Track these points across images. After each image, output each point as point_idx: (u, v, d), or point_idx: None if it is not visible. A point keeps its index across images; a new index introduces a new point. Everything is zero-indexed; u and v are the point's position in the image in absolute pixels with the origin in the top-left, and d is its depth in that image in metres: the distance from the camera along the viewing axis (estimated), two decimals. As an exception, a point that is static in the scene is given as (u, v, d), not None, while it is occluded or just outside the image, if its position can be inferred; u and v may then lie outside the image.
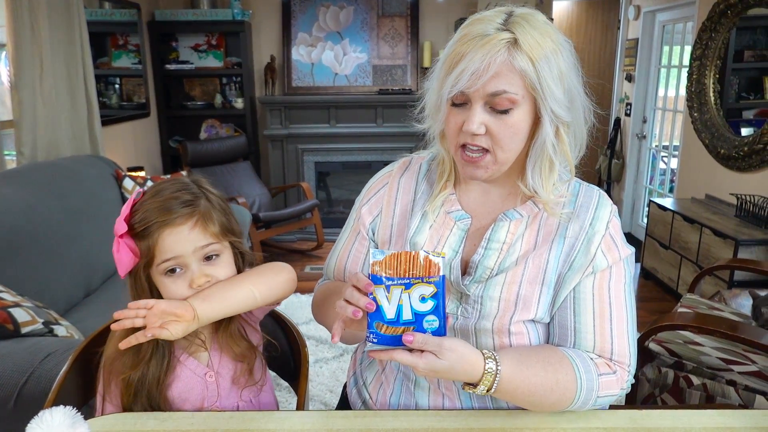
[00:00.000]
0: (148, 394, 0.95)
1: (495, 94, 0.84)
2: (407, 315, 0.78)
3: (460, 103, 0.88)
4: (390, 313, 0.78)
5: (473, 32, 0.84)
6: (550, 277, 0.93)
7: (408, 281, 0.77)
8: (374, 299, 0.77)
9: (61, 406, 0.66)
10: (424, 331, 0.78)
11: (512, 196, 0.97)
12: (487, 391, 0.83)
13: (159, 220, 0.91)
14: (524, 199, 0.95)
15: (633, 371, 0.93)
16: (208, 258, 0.95)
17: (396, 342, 0.78)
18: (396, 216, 1.01)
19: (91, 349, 1.04)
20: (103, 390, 0.97)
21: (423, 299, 0.78)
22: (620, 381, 0.92)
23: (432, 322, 0.78)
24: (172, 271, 0.92)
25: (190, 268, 0.93)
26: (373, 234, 1.03)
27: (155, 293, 0.95)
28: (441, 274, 0.78)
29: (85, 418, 0.72)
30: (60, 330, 1.72)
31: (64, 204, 2.40)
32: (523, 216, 0.94)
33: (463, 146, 0.90)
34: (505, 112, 0.85)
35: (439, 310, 0.78)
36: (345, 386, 1.18)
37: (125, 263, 0.91)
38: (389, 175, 1.06)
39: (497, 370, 0.83)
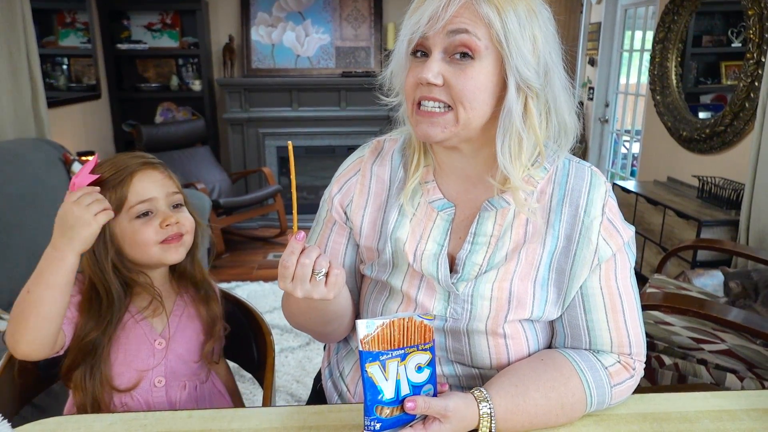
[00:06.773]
0: (93, 353, 0.93)
1: (455, 32, 0.76)
2: (405, 390, 0.71)
3: (421, 53, 0.80)
4: (389, 392, 0.70)
5: None
6: (543, 274, 0.86)
7: (403, 352, 0.70)
8: (369, 380, 0.69)
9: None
10: None
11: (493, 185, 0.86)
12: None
13: (133, 164, 0.97)
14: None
15: (644, 358, 0.90)
16: (175, 206, 1.01)
17: (399, 422, 0.71)
18: (369, 206, 0.93)
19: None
20: None
21: (419, 369, 0.72)
22: (637, 377, 0.88)
23: (428, 391, 0.73)
24: (144, 214, 0.96)
25: (160, 211, 0.98)
26: (348, 220, 0.95)
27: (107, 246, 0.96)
28: (433, 338, 0.73)
29: (15, 426, 0.62)
30: (2, 324, 1.59)
31: (6, 190, 2.23)
32: (510, 204, 0.85)
33: (419, 103, 0.80)
34: (464, 57, 0.77)
35: (433, 377, 0.73)
36: (319, 377, 1.10)
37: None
38: (360, 161, 0.96)
39: (491, 411, 0.77)
